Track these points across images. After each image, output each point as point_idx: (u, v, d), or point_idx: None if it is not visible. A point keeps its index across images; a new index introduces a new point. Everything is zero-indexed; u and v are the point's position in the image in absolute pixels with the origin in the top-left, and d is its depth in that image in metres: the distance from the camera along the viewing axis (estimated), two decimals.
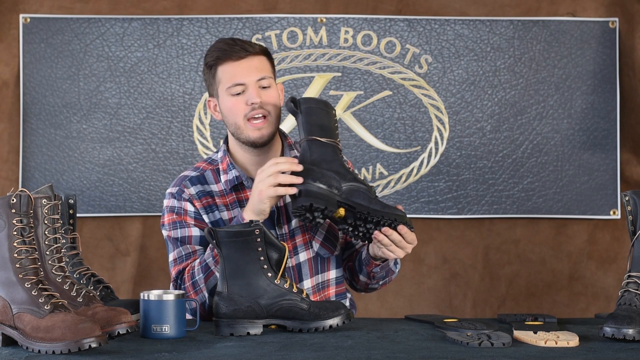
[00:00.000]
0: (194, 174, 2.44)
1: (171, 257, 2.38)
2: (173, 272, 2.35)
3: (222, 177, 2.41)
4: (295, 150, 2.44)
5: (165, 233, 2.40)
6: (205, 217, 2.37)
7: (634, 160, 3.34)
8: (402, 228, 2.21)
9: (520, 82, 3.35)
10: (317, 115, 2.25)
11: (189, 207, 2.38)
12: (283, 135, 2.47)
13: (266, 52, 2.40)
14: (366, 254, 2.36)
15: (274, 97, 2.37)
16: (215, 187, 2.41)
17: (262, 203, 2.24)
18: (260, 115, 2.34)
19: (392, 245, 2.22)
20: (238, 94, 2.34)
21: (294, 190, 2.20)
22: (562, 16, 3.35)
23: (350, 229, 2.22)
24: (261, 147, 2.37)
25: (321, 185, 2.17)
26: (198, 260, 2.30)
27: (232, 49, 2.34)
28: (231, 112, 2.36)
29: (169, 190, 2.42)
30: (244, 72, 2.34)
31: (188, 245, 2.35)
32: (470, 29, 3.35)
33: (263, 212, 2.26)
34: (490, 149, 3.35)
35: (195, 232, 2.36)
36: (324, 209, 2.15)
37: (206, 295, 2.27)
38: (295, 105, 2.27)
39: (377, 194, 2.23)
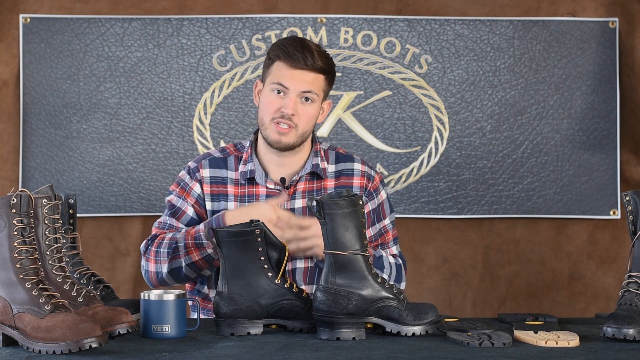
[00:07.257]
0: (218, 155, 2.47)
1: (160, 219, 2.45)
2: (152, 232, 2.43)
3: (240, 166, 2.43)
4: (318, 158, 2.44)
5: (167, 198, 2.47)
6: (209, 203, 2.41)
7: (634, 160, 3.34)
8: None
9: (520, 82, 3.35)
10: (342, 224, 1.99)
11: (196, 188, 2.42)
12: (313, 141, 2.47)
13: (327, 71, 2.39)
14: None
15: (309, 115, 2.37)
16: (232, 175, 2.43)
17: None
18: (287, 125, 2.35)
19: None
20: (279, 92, 2.35)
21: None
22: (562, 16, 3.35)
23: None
24: (277, 150, 2.39)
25: (350, 321, 1.97)
26: (170, 235, 2.35)
27: (296, 55, 2.34)
28: (264, 107, 2.38)
29: (188, 163, 2.48)
30: (293, 79, 2.35)
31: (175, 220, 2.41)
32: (470, 29, 3.35)
33: None
34: (490, 149, 3.34)
35: (190, 211, 2.42)
36: (353, 338, 1.97)
37: (164, 269, 2.34)
38: (319, 210, 2.00)
39: (405, 296, 2.03)
